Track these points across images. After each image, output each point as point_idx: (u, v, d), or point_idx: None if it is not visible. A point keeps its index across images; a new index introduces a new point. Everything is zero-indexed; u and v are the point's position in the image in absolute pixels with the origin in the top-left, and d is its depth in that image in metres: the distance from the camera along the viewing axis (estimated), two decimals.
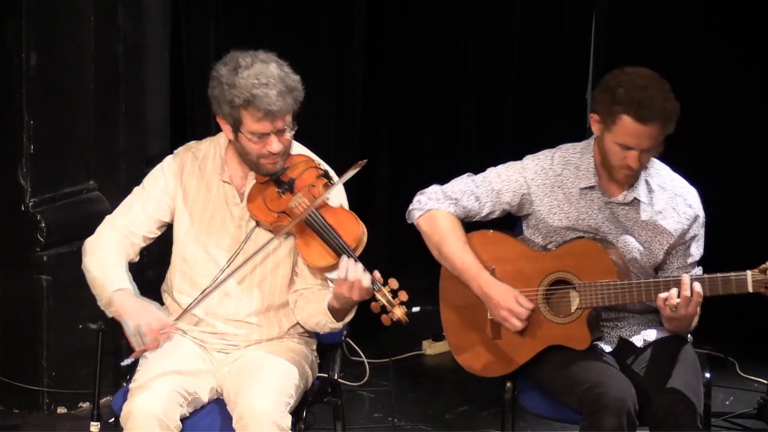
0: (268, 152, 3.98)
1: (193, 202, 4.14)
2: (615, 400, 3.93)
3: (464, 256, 4.21)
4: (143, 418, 3.89)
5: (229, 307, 4.12)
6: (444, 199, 4.27)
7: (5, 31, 5.29)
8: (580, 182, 4.20)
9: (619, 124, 4.02)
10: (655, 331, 4.24)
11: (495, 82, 6.75)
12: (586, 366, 4.08)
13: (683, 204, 4.20)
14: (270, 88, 3.91)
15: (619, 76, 4.05)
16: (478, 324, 4.26)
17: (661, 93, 4.01)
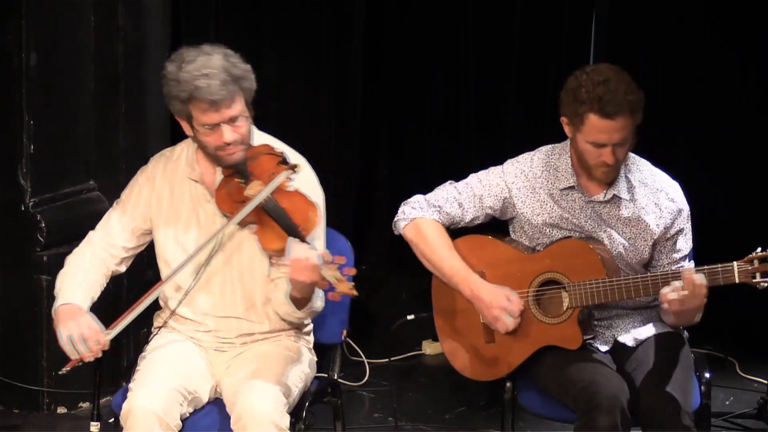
0: (223, 143, 3.99)
1: (168, 206, 4.16)
2: (608, 398, 3.93)
3: (452, 261, 4.23)
4: (143, 417, 3.90)
5: (213, 303, 4.13)
6: (427, 207, 4.28)
7: (5, 31, 5.29)
8: (560, 183, 4.21)
9: (587, 123, 4.03)
10: (646, 329, 4.24)
11: (495, 82, 6.75)
12: (580, 366, 4.09)
13: (665, 199, 4.20)
14: (211, 79, 3.93)
15: (580, 76, 4.05)
16: (471, 329, 4.27)
17: (623, 85, 4.01)
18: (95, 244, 4.20)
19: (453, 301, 4.28)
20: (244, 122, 4.02)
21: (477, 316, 4.25)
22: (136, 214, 4.18)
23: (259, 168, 4.01)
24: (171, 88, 3.99)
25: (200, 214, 4.13)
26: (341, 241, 4.40)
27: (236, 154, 4.02)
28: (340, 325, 4.36)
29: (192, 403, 4.05)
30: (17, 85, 5.30)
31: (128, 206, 4.20)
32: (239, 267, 4.11)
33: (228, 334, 4.15)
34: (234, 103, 3.97)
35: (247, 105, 4.03)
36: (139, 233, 4.19)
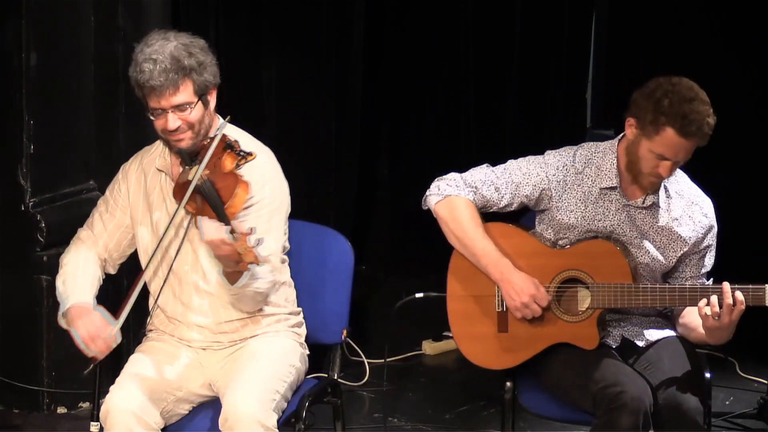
0: (167, 129, 4.02)
1: (144, 197, 4.20)
2: (633, 399, 3.93)
3: (484, 242, 4.20)
4: (121, 417, 3.94)
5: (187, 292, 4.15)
6: (464, 186, 4.26)
7: (5, 31, 5.29)
8: (601, 182, 4.19)
9: (662, 134, 4.00)
10: (657, 332, 4.24)
11: (495, 82, 6.75)
12: (600, 364, 4.07)
13: (699, 213, 4.20)
14: (156, 65, 3.97)
15: (665, 86, 4.02)
16: (486, 315, 4.25)
17: (706, 107, 4.02)
18: (85, 241, 4.24)
19: (470, 285, 4.26)
20: (192, 111, 4.02)
21: (493, 303, 4.23)
22: (116, 210, 4.23)
23: (204, 153, 4.01)
24: (129, 69, 4.06)
25: (168, 204, 4.15)
26: (341, 241, 4.40)
27: (183, 141, 4.04)
28: (340, 325, 4.36)
29: (185, 399, 4.08)
30: (17, 85, 5.30)
31: (109, 204, 4.25)
32: (206, 256, 4.11)
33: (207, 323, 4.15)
34: (178, 91, 3.99)
35: (198, 95, 4.02)
36: (120, 231, 4.23)
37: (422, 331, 6.13)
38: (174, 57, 3.98)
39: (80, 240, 4.26)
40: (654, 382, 4.06)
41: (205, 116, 4.06)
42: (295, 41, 6.32)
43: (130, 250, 4.26)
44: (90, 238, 4.25)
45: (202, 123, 4.06)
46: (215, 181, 3.94)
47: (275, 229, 4.11)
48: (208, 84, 4.04)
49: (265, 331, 4.18)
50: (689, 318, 4.18)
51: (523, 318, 4.19)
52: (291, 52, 6.35)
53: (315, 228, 4.40)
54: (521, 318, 4.18)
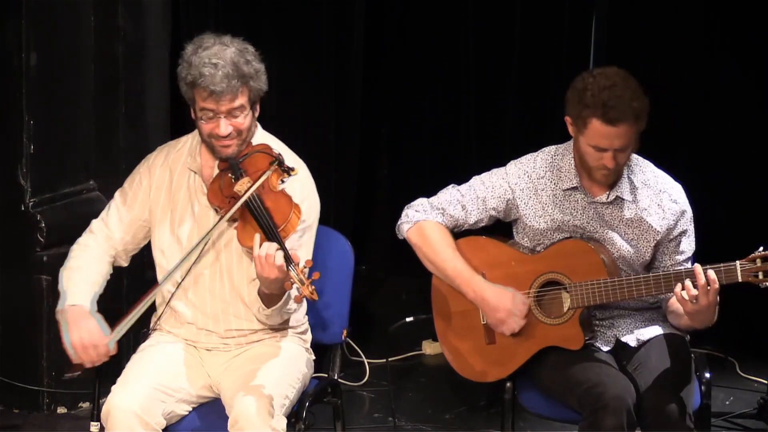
0: (217, 134, 4.01)
1: (166, 194, 4.18)
2: (614, 398, 3.93)
3: (455, 262, 4.22)
4: (122, 417, 3.93)
5: (202, 297, 4.14)
6: (431, 209, 4.28)
7: (5, 31, 5.29)
8: (563, 183, 4.20)
9: (590, 127, 4.02)
10: (649, 330, 4.24)
11: (495, 83, 6.75)
12: (584, 366, 4.08)
13: (668, 200, 4.19)
14: (217, 69, 3.96)
15: (587, 78, 4.06)
16: (472, 330, 4.27)
17: (628, 91, 4.00)
18: (97, 234, 4.21)
19: (453, 302, 4.28)
20: (244, 118, 4.03)
21: (478, 317, 4.25)
22: (135, 204, 4.20)
23: (252, 166, 4.02)
24: (182, 69, 4.03)
25: (195, 205, 4.14)
26: (341, 241, 4.40)
27: (230, 148, 4.04)
28: (340, 325, 4.37)
29: (186, 400, 4.08)
30: (17, 85, 5.30)
31: (128, 196, 4.22)
32: (228, 263, 4.12)
33: (216, 328, 4.15)
34: (236, 98, 3.99)
35: (251, 103, 4.04)
36: (137, 225, 4.20)
37: (422, 331, 6.13)
38: (235, 63, 3.98)
39: (92, 233, 4.22)
40: (642, 383, 4.06)
41: (252, 124, 4.09)
42: (295, 41, 6.32)
43: (144, 242, 4.24)
44: (103, 230, 4.22)
45: (250, 131, 4.09)
46: (264, 198, 3.95)
47: (306, 246, 4.11)
48: (260, 92, 4.07)
49: (273, 336, 4.18)
50: (676, 305, 4.17)
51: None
52: (291, 52, 6.35)
53: None
54: (501, 332, 4.19)
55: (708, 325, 4.11)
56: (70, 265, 4.18)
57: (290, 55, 6.35)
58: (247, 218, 3.96)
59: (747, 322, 6.17)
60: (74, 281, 4.14)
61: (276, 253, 3.83)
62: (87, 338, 3.98)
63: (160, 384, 4.02)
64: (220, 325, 4.15)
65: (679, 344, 4.20)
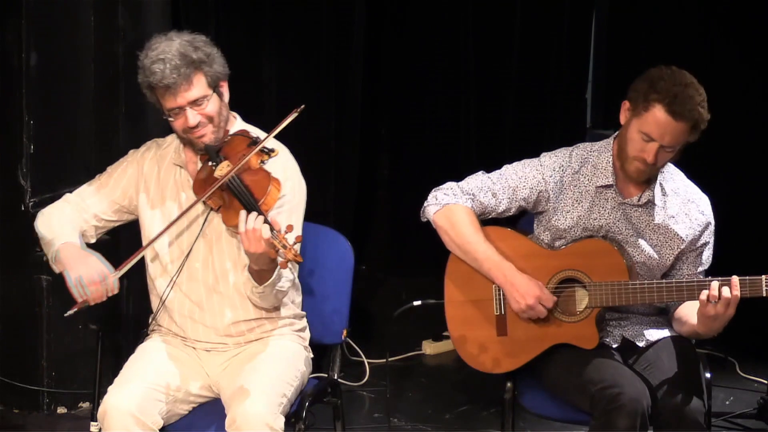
0: (188, 126, 4.03)
1: (155, 189, 4.20)
2: (631, 400, 3.93)
3: (485, 246, 4.21)
4: (118, 417, 3.93)
5: (196, 288, 4.14)
6: (461, 194, 4.26)
7: (5, 31, 5.29)
8: (598, 180, 4.20)
9: (651, 111, 4.02)
10: (657, 332, 4.25)
11: (495, 83, 6.75)
12: (599, 365, 4.07)
13: (696, 210, 4.20)
14: (165, 63, 3.98)
15: (665, 70, 4.07)
16: (484, 320, 4.26)
17: (699, 97, 4.05)
18: (71, 202, 4.24)
19: (467, 290, 4.27)
20: (209, 104, 4.04)
21: (491, 307, 4.24)
22: (117, 188, 4.23)
23: (231, 151, 4.04)
24: (138, 76, 4.06)
25: (182, 199, 4.16)
26: (341, 241, 4.40)
27: (206, 137, 4.06)
28: (340, 325, 4.37)
29: (184, 400, 4.08)
30: (17, 85, 5.30)
31: (111, 179, 4.25)
32: (219, 254, 4.13)
33: (213, 323, 4.15)
34: (192, 86, 4.01)
35: (212, 87, 4.05)
36: (114, 206, 4.23)
37: (422, 331, 6.13)
38: (181, 53, 4.00)
39: (66, 201, 4.25)
40: (653, 383, 4.06)
41: (222, 108, 4.09)
42: (295, 41, 6.32)
43: (115, 224, 4.25)
44: (77, 204, 4.23)
45: (221, 115, 4.09)
46: (243, 177, 3.96)
47: (295, 225, 4.10)
48: (219, 75, 4.07)
49: (271, 334, 4.18)
50: (683, 311, 4.19)
51: (522, 320, 4.19)
52: (291, 51, 6.35)
53: (315, 228, 4.40)
54: (527, 319, 4.19)
55: (714, 334, 4.13)
56: (47, 215, 4.19)
57: (290, 55, 6.35)
58: (229, 200, 3.97)
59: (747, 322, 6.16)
60: (57, 226, 4.14)
61: (258, 222, 3.83)
62: (94, 273, 3.97)
63: (157, 384, 4.02)
64: (217, 318, 4.15)
65: (688, 346, 4.21)
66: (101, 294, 3.98)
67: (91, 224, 4.23)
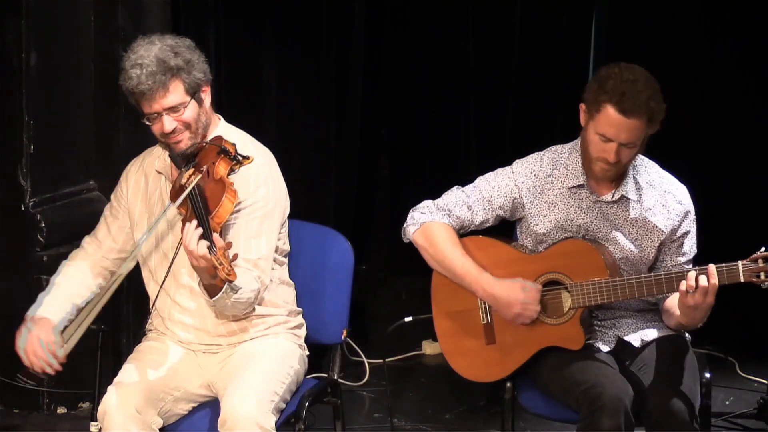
0: (164, 132, 4.01)
1: (143, 198, 4.20)
2: (612, 399, 3.93)
3: (463, 261, 4.23)
4: (118, 416, 3.95)
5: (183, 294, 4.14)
6: (437, 211, 4.28)
7: (5, 31, 5.29)
8: (569, 181, 4.21)
9: (602, 112, 4.03)
10: (653, 331, 4.25)
11: (495, 83, 6.75)
12: (583, 366, 4.08)
13: (673, 200, 4.20)
14: (142, 69, 3.97)
15: (612, 69, 4.07)
16: (472, 330, 4.27)
17: (649, 90, 4.02)
18: (86, 248, 4.27)
19: (453, 302, 4.28)
20: (185, 110, 4.01)
21: (478, 317, 4.25)
22: (119, 213, 4.24)
23: (203, 159, 4.00)
24: (120, 79, 4.04)
25: (164, 206, 4.14)
26: (341, 241, 4.40)
27: (182, 143, 4.04)
28: (340, 325, 4.37)
29: (183, 399, 4.09)
30: (17, 85, 5.30)
31: (113, 207, 4.27)
32: None
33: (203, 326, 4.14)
34: (168, 92, 3.98)
35: (190, 94, 4.02)
36: (123, 233, 4.24)
37: (422, 331, 6.12)
38: (159, 59, 3.97)
39: (83, 249, 4.28)
40: (647, 383, 4.06)
41: (200, 114, 4.06)
42: (295, 41, 6.32)
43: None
44: (93, 243, 4.26)
45: (199, 122, 4.06)
46: (205, 187, 3.91)
47: (266, 233, 4.09)
48: (199, 81, 4.04)
49: (264, 333, 4.18)
50: (669, 304, 4.19)
51: (509, 326, 4.20)
52: (291, 52, 6.35)
53: (315, 228, 4.40)
54: (514, 325, 4.19)
55: (698, 325, 4.14)
56: (55, 281, 4.24)
57: (290, 55, 6.35)
58: (190, 210, 3.93)
59: (747, 322, 6.18)
60: (53, 294, 4.18)
61: (195, 240, 3.78)
62: (37, 345, 4.03)
63: (156, 383, 4.03)
64: (207, 321, 4.14)
65: (683, 346, 4.21)
66: (39, 367, 4.03)
67: (113, 258, 4.25)
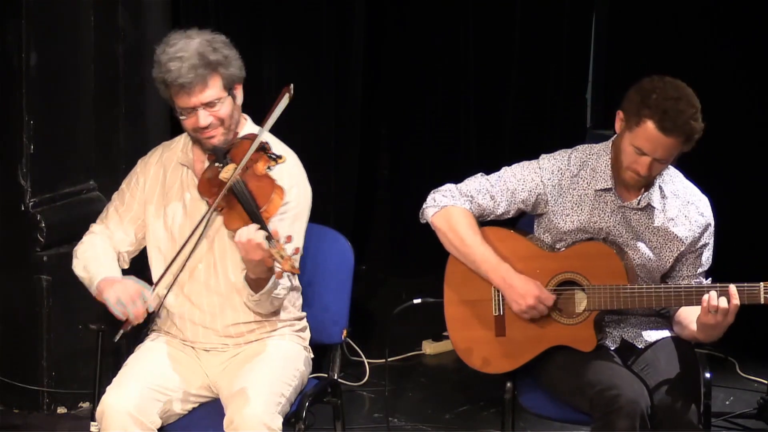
0: (199, 126, 4.02)
1: (160, 190, 4.20)
2: (629, 402, 3.92)
3: (483, 248, 4.21)
4: (116, 417, 3.94)
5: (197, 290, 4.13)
6: (459, 196, 4.26)
7: (5, 31, 5.29)
8: (596, 184, 4.20)
9: (642, 126, 4.02)
10: (656, 332, 4.25)
11: (495, 83, 6.75)
12: (597, 367, 4.07)
13: (695, 212, 4.20)
14: (182, 62, 3.97)
15: (657, 82, 4.05)
16: (483, 320, 4.26)
17: (692, 110, 4.02)
18: (99, 234, 4.24)
19: (466, 291, 4.27)
20: (222, 106, 4.03)
21: (490, 308, 4.24)
22: (133, 203, 4.22)
23: (238, 154, 4.02)
24: (153, 71, 4.05)
25: (186, 199, 4.15)
26: (341, 241, 4.40)
27: (215, 138, 4.05)
28: (340, 325, 4.37)
29: (184, 399, 4.08)
30: (17, 85, 5.31)
31: (126, 196, 4.24)
32: (221, 254, 4.12)
33: (213, 325, 4.15)
34: (207, 87, 4.00)
35: (227, 90, 4.04)
36: (136, 224, 4.22)
37: (422, 331, 6.13)
38: (200, 53, 3.99)
39: (93, 233, 4.25)
40: (650, 383, 4.06)
41: (234, 111, 4.08)
42: (295, 41, 6.32)
43: (144, 242, 4.25)
44: (104, 231, 4.24)
45: (232, 118, 4.08)
46: (247, 182, 3.95)
47: (296, 234, 4.10)
48: (234, 78, 4.06)
49: (270, 335, 4.18)
50: (683, 315, 4.19)
51: (521, 321, 4.19)
52: (291, 51, 6.35)
53: (315, 228, 4.40)
54: (525, 320, 4.19)
55: (714, 340, 4.14)
56: (83, 257, 4.18)
57: (290, 55, 6.35)
58: (232, 203, 3.97)
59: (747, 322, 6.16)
60: (94, 267, 4.14)
61: (257, 233, 3.82)
62: (132, 291, 3.99)
63: (155, 383, 4.02)
64: (217, 320, 4.14)
65: (686, 347, 4.21)
66: (141, 311, 3.99)
67: (123, 250, 4.24)
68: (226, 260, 4.12)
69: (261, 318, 4.15)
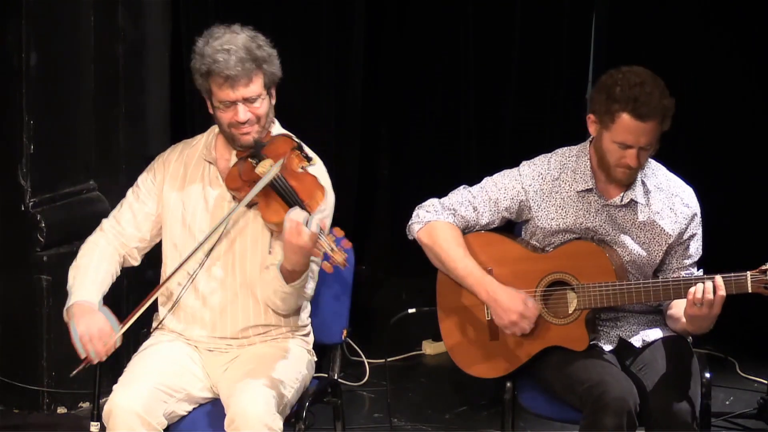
0: (237, 121, 4.02)
1: (180, 185, 4.18)
2: (616, 399, 3.93)
3: (466, 261, 4.22)
4: (123, 416, 3.92)
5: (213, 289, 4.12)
6: (442, 210, 4.27)
7: (5, 31, 5.29)
8: (577, 185, 4.20)
9: (617, 122, 4.03)
10: (654, 331, 4.25)
11: (495, 83, 6.75)
12: (587, 365, 4.08)
13: (680, 204, 4.20)
14: (230, 54, 3.99)
15: (615, 75, 4.06)
16: (476, 326, 4.27)
17: (658, 89, 4.03)
18: (107, 232, 4.21)
19: (458, 297, 4.27)
20: (262, 104, 4.04)
21: (482, 312, 4.25)
22: (148, 199, 4.20)
23: (274, 151, 4.04)
24: (195, 62, 4.05)
25: (209, 196, 4.14)
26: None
27: (250, 135, 4.05)
28: (340, 325, 4.37)
29: (186, 401, 4.07)
30: (17, 85, 5.31)
31: (141, 192, 4.22)
32: (242, 253, 4.12)
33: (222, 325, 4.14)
34: (251, 82, 4.01)
35: (267, 88, 4.06)
36: (150, 221, 4.20)
37: (422, 331, 6.13)
38: (247, 48, 4.01)
39: (102, 231, 4.21)
40: (648, 384, 4.06)
41: (270, 110, 4.09)
42: (296, 41, 6.32)
43: (157, 239, 4.23)
44: (114, 228, 4.20)
45: (268, 117, 4.09)
46: (287, 178, 3.97)
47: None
48: (275, 77, 4.08)
49: (275, 338, 4.18)
50: (674, 309, 4.19)
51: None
52: (291, 51, 6.33)
53: None
54: (509, 333, 4.19)
55: (704, 332, 4.13)
56: (78, 263, 4.16)
57: (290, 55, 6.33)
58: (271, 197, 3.97)
59: (747, 322, 6.17)
60: (81, 279, 4.11)
61: (308, 220, 3.82)
62: (94, 330, 3.96)
63: (161, 384, 4.01)
64: (228, 322, 4.13)
65: (684, 347, 4.21)
66: (102, 351, 3.97)
67: (133, 247, 4.21)
68: (245, 260, 4.11)
69: (271, 322, 4.15)
